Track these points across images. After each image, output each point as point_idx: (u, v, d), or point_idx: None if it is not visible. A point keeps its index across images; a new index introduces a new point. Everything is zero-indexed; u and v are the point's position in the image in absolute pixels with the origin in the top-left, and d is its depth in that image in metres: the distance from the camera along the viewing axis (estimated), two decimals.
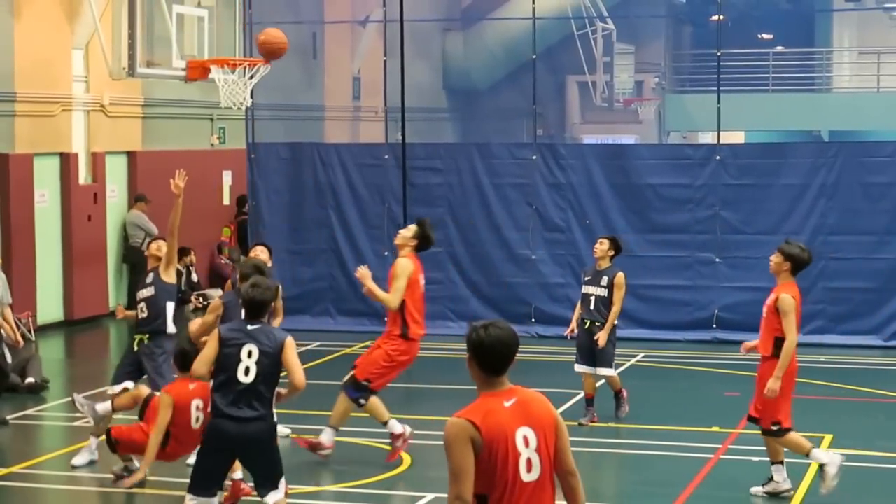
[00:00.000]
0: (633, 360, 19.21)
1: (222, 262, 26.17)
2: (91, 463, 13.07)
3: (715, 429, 14.70)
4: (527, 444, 6.25)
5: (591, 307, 14.97)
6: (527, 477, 6.24)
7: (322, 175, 22.49)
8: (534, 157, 21.77)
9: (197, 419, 11.28)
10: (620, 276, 15.00)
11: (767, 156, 21.45)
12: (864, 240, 20.40)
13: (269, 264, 14.08)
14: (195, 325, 12.80)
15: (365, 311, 21.23)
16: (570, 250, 21.49)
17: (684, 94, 34.42)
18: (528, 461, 6.25)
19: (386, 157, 22.32)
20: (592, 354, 14.90)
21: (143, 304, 13.20)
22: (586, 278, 15.18)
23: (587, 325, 14.99)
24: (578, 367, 15.12)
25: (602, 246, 15.18)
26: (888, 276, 20.25)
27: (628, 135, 33.20)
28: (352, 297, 21.54)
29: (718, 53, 22.46)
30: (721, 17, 24.52)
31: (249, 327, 9.78)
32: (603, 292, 14.93)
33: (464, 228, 21.91)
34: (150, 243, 13.74)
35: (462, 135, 32.36)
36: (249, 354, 9.64)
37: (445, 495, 5.86)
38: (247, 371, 9.61)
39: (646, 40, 36.17)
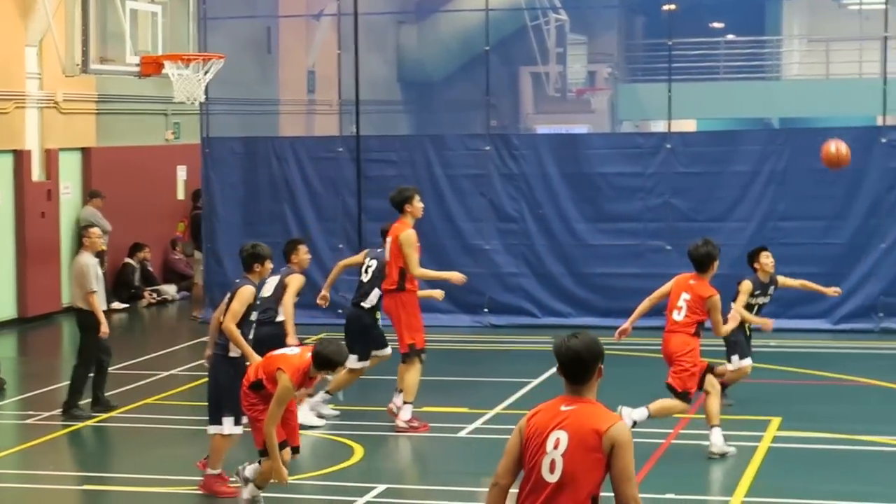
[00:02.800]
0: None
1: (176, 257, 26.20)
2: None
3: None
4: (556, 447, 6.48)
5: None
6: (549, 477, 6.49)
7: (277, 169, 22.53)
8: (487, 148, 21.89)
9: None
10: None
11: (718, 143, 21.64)
12: (813, 225, 20.62)
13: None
14: None
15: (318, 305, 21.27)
16: (523, 240, 21.63)
17: (636, 84, 34.60)
18: (552, 462, 6.49)
19: (340, 150, 22.39)
20: None
21: None
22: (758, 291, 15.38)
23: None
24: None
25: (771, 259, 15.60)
26: (837, 261, 20.45)
27: (581, 124, 33.30)
28: (306, 290, 21.60)
29: (670, 43, 22.64)
30: (673, 6, 24.73)
31: None
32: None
33: (417, 220, 21.96)
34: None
35: (416, 127, 32.42)
36: None
37: (395, 486, 5.96)
38: None
39: (598, 31, 36.32)
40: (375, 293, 14.77)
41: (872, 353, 18.64)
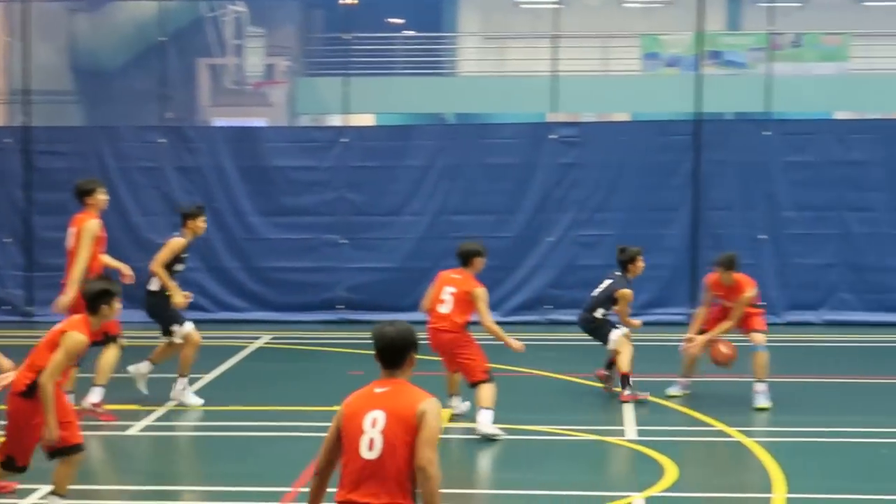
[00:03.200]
0: (260, 343, 19.33)
1: None
2: None
3: (337, 408, 14.85)
4: (373, 426, 7.00)
5: None
6: (367, 454, 6.99)
7: None
8: (162, 141, 21.59)
9: None
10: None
11: (392, 138, 21.87)
12: (484, 219, 21.08)
13: None
14: None
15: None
16: None
17: (315, 78, 34.61)
18: (371, 441, 7.00)
19: (8, 141, 21.70)
20: None
21: None
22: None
23: None
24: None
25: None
26: (507, 255, 20.95)
27: (259, 118, 33.22)
28: None
29: (348, 37, 22.79)
30: (351, 1, 24.87)
31: None
32: None
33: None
34: None
35: (89, 118, 31.70)
36: None
37: None
38: None
39: (276, 24, 36.21)
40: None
41: (540, 345, 19.12)
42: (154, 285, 14.99)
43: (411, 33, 37.51)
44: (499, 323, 15.21)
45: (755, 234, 20.95)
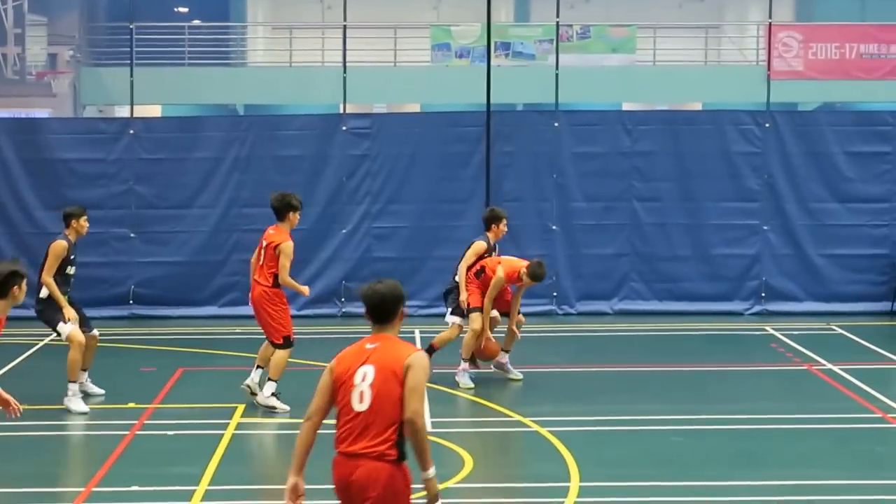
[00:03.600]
0: (48, 339, 18.85)
1: None
2: None
3: (131, 405, 14.68)
4: (363, 379, 7.42)
5: None
6: (358, 406, 7.43)
7: None
8: None
9: None
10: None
11: (182, 130, 21.54)
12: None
13: None
14: None
15: None
16: None
17: (100, 68, 33.91)
18: (361, 394, 7.42)
19: None
20: None
21: None
22: None
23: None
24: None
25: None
26: (300, 247, 20.07)
27: (42, 108, 32.50)
28: None
29: (132, 26, 22.37)
30: None
31: None
32: None
33: None
34: None
35: None
36: None
37: None
38: None
39: (59, 12, 35.43)
40: None
41: (336, 338, 19.03)
42: (43, 293, 14.68)
43: (198, 23, 37.03)
44: (293, 317, 15.21)
45: (547, 224, 21.17)
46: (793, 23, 33.63)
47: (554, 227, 21.18)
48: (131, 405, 14.68)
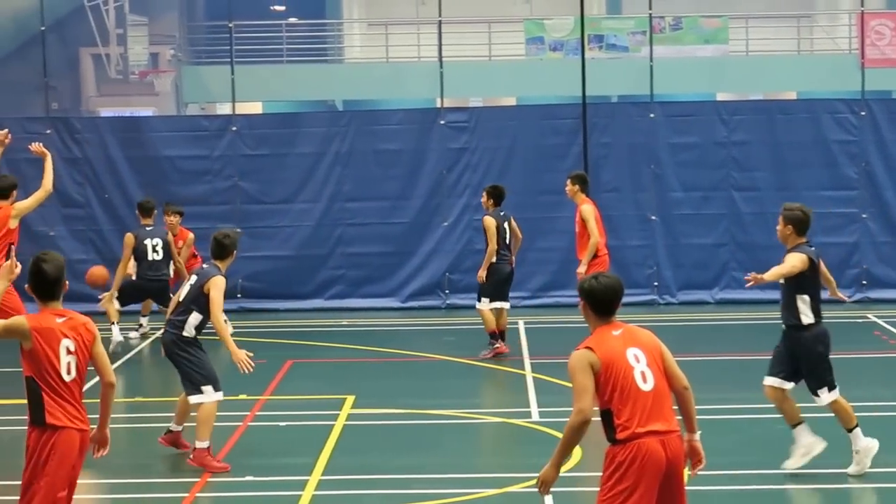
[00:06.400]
0: (159, 334, 19.20)
1: None
2: None
3: (243, 396, 14.86)
4: (637, 361, 7.54)
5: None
6: (643, 386, 7.51)
7: None
8: (48, 132, 21.36)
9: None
10: (485, 220, 16.87)
11: (283, 126, 21.88)
12: (379, 205, 21.18)
13: None
14: None
15: None
16: (89, 225, 21.35)
17: (200, 66, 34.42)
18: (643, 374, 7.54)
19: None
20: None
21: None
22: None
23: None
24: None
25: (482, 199, 17.14)
26: (403, 240, 21.11)
27: (146, 107, 32.97)
28: None
29: (231, 25, 22.71)
30: None
31: None
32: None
33: None
34: None
35: None
36: None
37: None
38: None
39: (159, 12, 35.92)
40: None
41: (439, 329, 19.28)
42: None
43: (294, 20, 37.44)
44: (398, 309, 15.48)
45: (645, 214, 21.26)
46: (885, 10, 33.41)
47: (653, 218, 21.25)
48: (243, 397, 14.83)
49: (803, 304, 11.24)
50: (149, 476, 12.02)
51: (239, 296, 21.15)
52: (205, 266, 12.27)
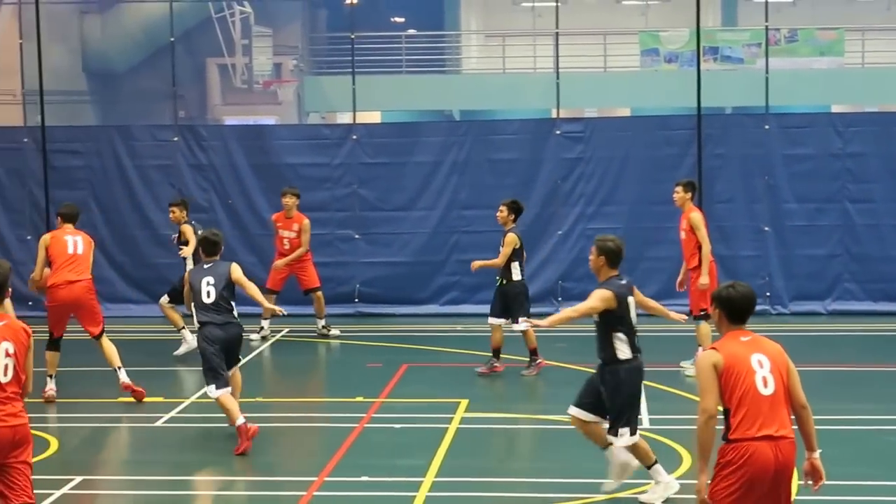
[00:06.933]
0: (279, 336, 19.69)
1: None
2: None
3: (359, 399, 15.16)
4: (760, 366, 7.81)
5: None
6: (764, 391, 7.79)
7: None
8: (175, 139, 21.95)
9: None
10: (510, 236, 16.39)
11: (402, 135, 22.23)
12: (493, 214, 21.26)
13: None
14: None
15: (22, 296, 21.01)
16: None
17: (322, 76, 34.88)
18: (764, 379, 7.80)
19: (25, 140, 22.07)
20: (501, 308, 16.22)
21: None
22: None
23: (499, 282, 16.37)
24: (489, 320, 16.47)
25: (501, 213, 16.58)
26: None
27: (269, 116, 33.53)
28: None
29: (352, 36, 23.09)
30: (354, 0, 25.18)
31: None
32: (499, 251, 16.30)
33: (107, 210, 21.93)
34: None
35: (103, 117, 32.02)
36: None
37: (92, 477, 6.02)
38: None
39: (283, 23, 36.45)
40: None
41: (551, 336, 19.44)
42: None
43: (413, 32, 37.82)
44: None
45: (759, 225, 21.31)
46: None
47: (766, 228, 21.29)
48: (359, 399, 15.13)
49: (619, 340, 10.90)
50: (269, 474, 12.38)
51: (356, 300, 21.55)
52: (209, 264, 13.43)
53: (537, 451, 13.22)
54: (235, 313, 13.30)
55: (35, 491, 11.58)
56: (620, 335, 10.90)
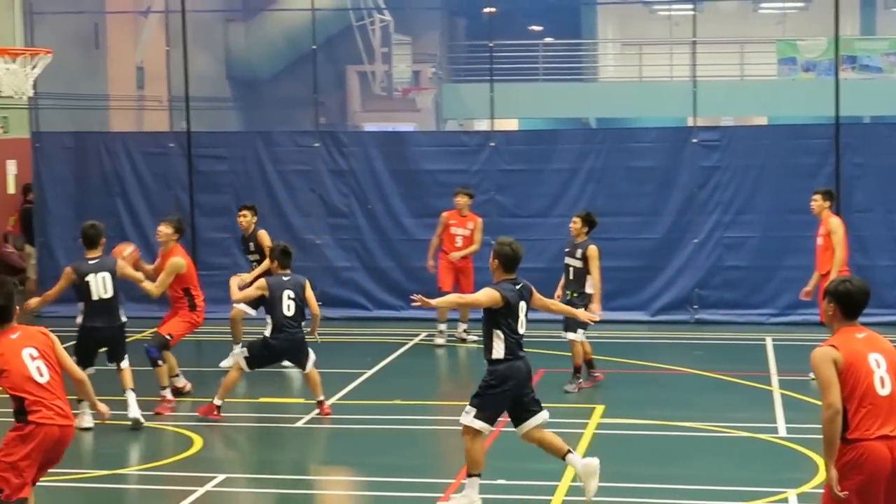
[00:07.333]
0: (417, 339, 19.96)
1: (9, 250, 26.03)
2: None
3: None
4: (878, 366, 7.83)
5: (571, 277, 16.21)
6: (881, 391, 7.81)
7: (108, 164, 22.66)
8: (316, 145, 22.34)
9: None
10: (592, 249, 16.13)
11: (539, 142, 22.39)
12: (630, 221, 21.48)
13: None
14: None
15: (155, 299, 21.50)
16: (354, 234, 22.15)
17: (459, 84, 35.07)
18: (881, 379, 7.82)
19: (171, 145, 22.62)
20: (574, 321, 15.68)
21: None
22: (566, 250, 16.40)
23: (568, 296, 16.10)
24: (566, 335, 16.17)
25: (575, 224, 16.33)
26: (652, 255, 21.39)
27: (407, 123, 33.79)
28: None
29: (491, 45, 23.29)
30: (492, 9, 25.39)
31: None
32: (578, 263, 16.10)
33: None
34: None
35: (245, 123, 32.65)
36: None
37: (235, 475, 6.32)
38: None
39: (422, 31, 36.82)
40: None
41: (687, 343, 19.50)
42: None
43: (550, 40, 37.96)
44: (646, 322, 15.57)
45: None
46: None
47: None
48: None
49: (497, 339, 11.15)
50: (407, 475, 12.58)
51: None
52: (286, 276, 14.58)
53: (672, 458, 13.29)
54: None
55: (179, 487, 11.97)
56: (499, 334, 11.19)
